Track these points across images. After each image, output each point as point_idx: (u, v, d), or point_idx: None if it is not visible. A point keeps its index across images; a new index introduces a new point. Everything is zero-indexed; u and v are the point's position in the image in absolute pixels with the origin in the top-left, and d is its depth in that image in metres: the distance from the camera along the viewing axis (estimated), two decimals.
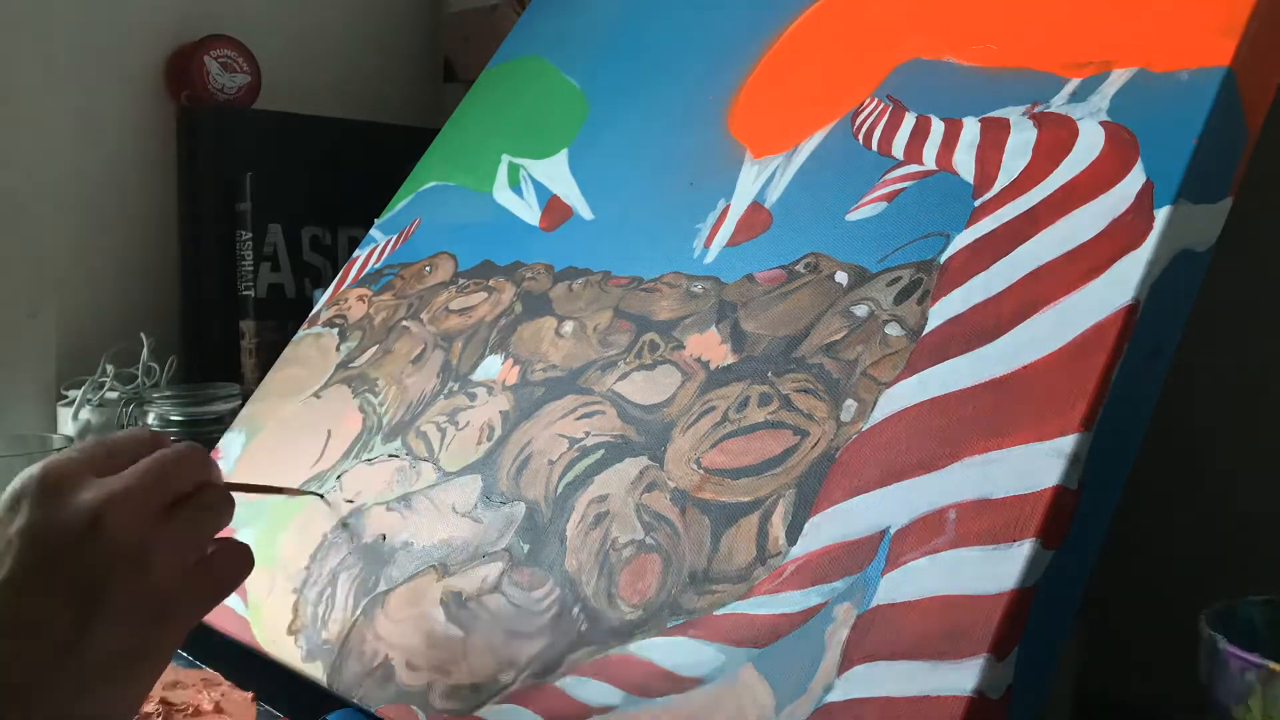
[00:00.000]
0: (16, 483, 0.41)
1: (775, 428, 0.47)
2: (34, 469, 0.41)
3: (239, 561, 0.44)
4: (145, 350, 0.84)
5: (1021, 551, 0.37)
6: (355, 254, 0.77)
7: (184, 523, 0.41)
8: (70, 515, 0.39)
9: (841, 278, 0.50)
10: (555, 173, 0.68)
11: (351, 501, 0.57)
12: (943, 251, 0.47)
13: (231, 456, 0.69)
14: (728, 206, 0.57)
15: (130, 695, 0.40)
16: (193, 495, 0.42)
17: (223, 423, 0.76)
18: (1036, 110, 0.48)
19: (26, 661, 0.38)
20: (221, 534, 0.44)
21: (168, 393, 0.78)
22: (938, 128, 0.51)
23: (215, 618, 0.60)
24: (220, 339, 0.93)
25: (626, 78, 0.70)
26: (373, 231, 0.77)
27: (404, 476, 0.57)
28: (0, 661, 0.38)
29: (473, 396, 0.59)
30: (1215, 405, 0.57)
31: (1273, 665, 0.35)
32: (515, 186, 0.70)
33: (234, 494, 0.44)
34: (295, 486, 0.56)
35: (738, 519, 0.45)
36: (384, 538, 0.55)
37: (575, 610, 0.46)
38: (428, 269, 0.70)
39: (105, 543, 0.39)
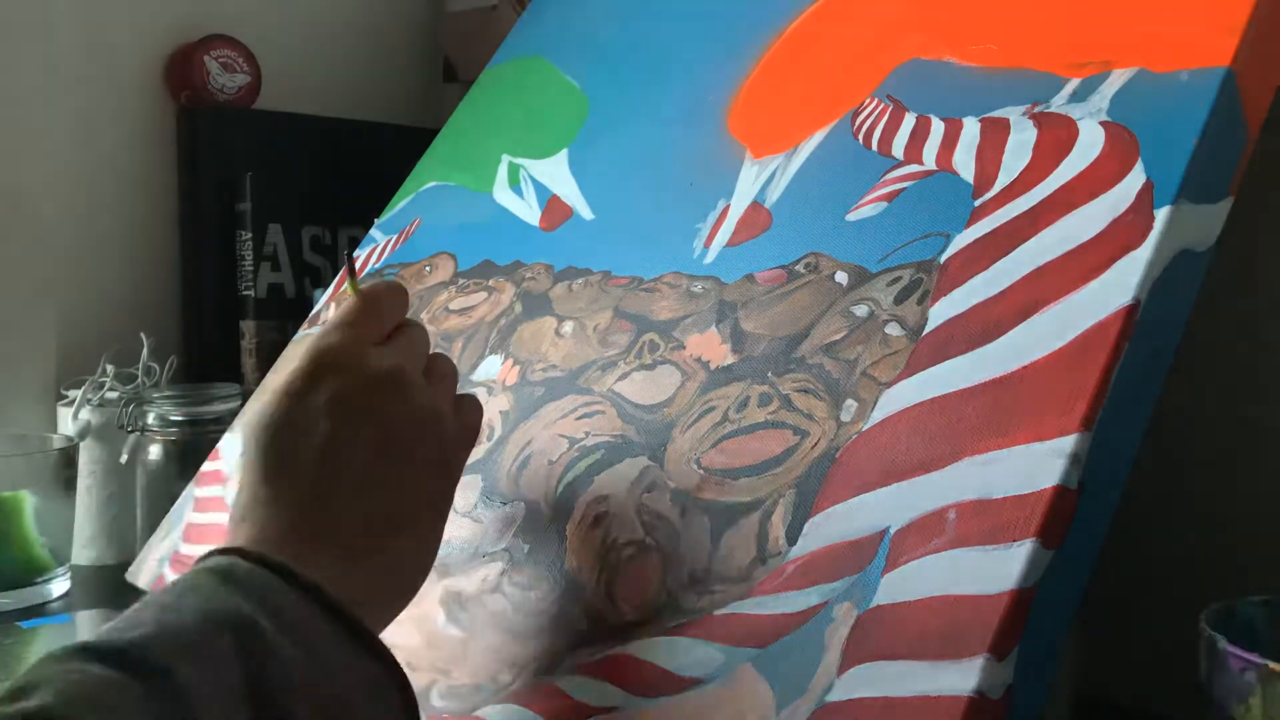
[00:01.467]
0: (312, 354, 0.44)
1: (775, 428, 0.47)
2: (322, 343, 0.44)
3: (477, 407, 0.49)
4: (145, 350, 0.84)
5: (1021, 551, 0.37)
6: (355, 254, 0.77)
7: (444, 383, 0.47)
8: (377, 377, 0.44)
9: (841, 278, 0.50)
10: (555, 173, 0.68)
11: None
12: (943, 251, 0.47)
13: (232, 456, 0.69)
14: (728, 206, 0.57)
15: (430, 543, 0.44)
16: (435, 360, 0.48)
17: (223, 423, 0.76)
18: (1036, 110, 0.48)
19: (352, 523, 0.41)
20: None
21: (168, 393, 0.78)
22: (938, 128, 0.51)
23: None
24: (220, 339, 0.93)
25: (626, 78, 0.70)
26: (373, 231, 0.77)
27: None
28: (334, 527, 0.41)
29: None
30: (1215, 405, 0.57)
31: (1273, 665, 0.35)
32: (515, 186, 0.70)
33: None
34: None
35: (738, 519, 0.45)
36: None
37: (575, 610, 0.46)
38: (428, 269, 0.70)
39: (409, 404, 0.44)
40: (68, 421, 0.81)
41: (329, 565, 0.40)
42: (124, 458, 0.79)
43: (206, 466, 0.71)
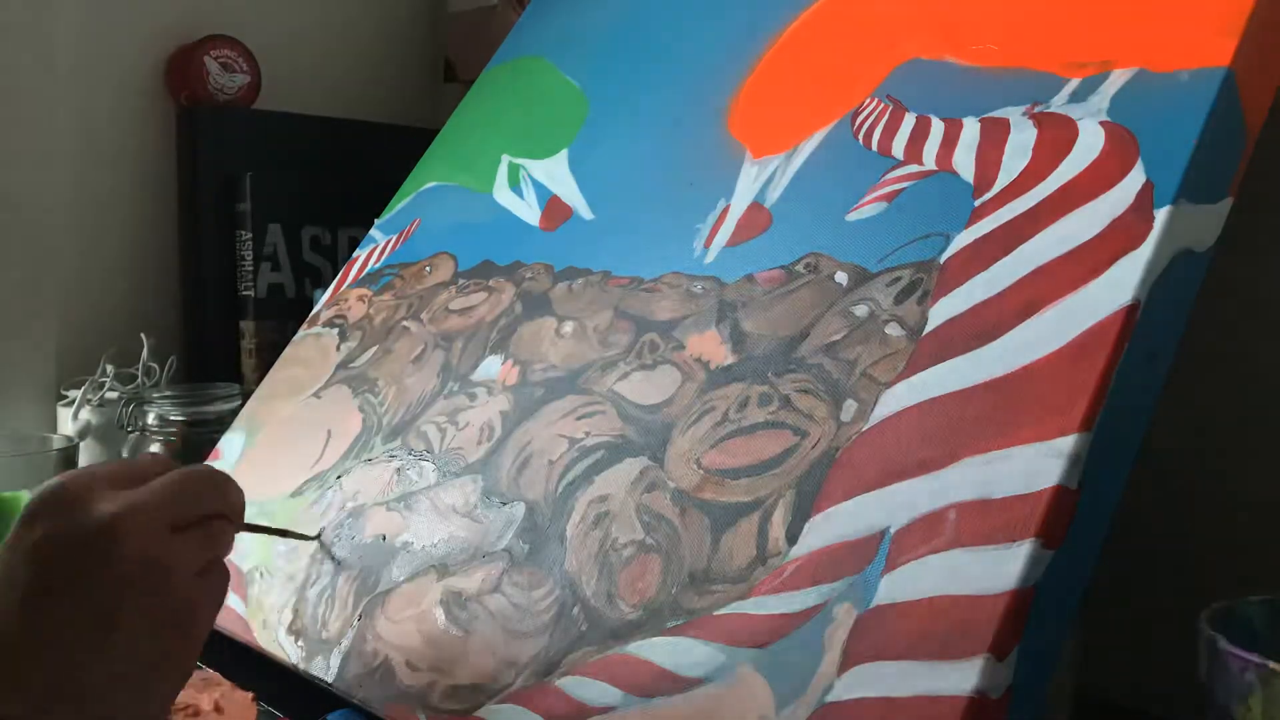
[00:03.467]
0: (34, 497, 0.41)
1: (775, 428, 0.47)
2: (51, 482, 0.41)
3: (225, 584, 0.44)
4: (145, 350, 0.84)
5: (1021, 551, 0.37)
6: (355, 254, 0.77)
7: (197, 538, 0.42)
8: (88, 526, 0.40)
9: (841, 278, 0.50)
10: (555, 173, 0.68)
11: (338, 561, 0.56)
12: (943, 251, 0.47)
13: (231, 457, 0.69)
14: (728, 206, 0.57)
15: (155, 703, 0.41)
16: (206, 518, 0.43)
17: (223, 423, 0.76)
18: (1036, 110, 0.48)
19: (49, 675, 0.38)
20: None
21: (168, 393, 0.78)
22: (938, 128, 0.51)
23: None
24: (220, 339, 0.93)
25: (626, 78, 0.70)
26: (373, 231, 0.77)
27: (404, 477, 0.57)
28: (23, 675, 0.38)
29: (473, 397, 0.59)
30: (1215, 405, 0.57)
31: (1273, 665, 0.35)
32: (515, 186, 0.70)
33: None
34: (292, 530, 0.56)
35: (738, 519, 0.45)
36: (384, 538, 0.55)
37: (575, 610, 0.46)
38: (428, 269, 0.70)
39: (123, 553, 0.39)
40: (68, 421, 0.81)
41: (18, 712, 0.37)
42: (124, 458, 0.79)
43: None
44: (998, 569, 0.37)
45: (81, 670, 0.38)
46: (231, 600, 0.59)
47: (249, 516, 0.64)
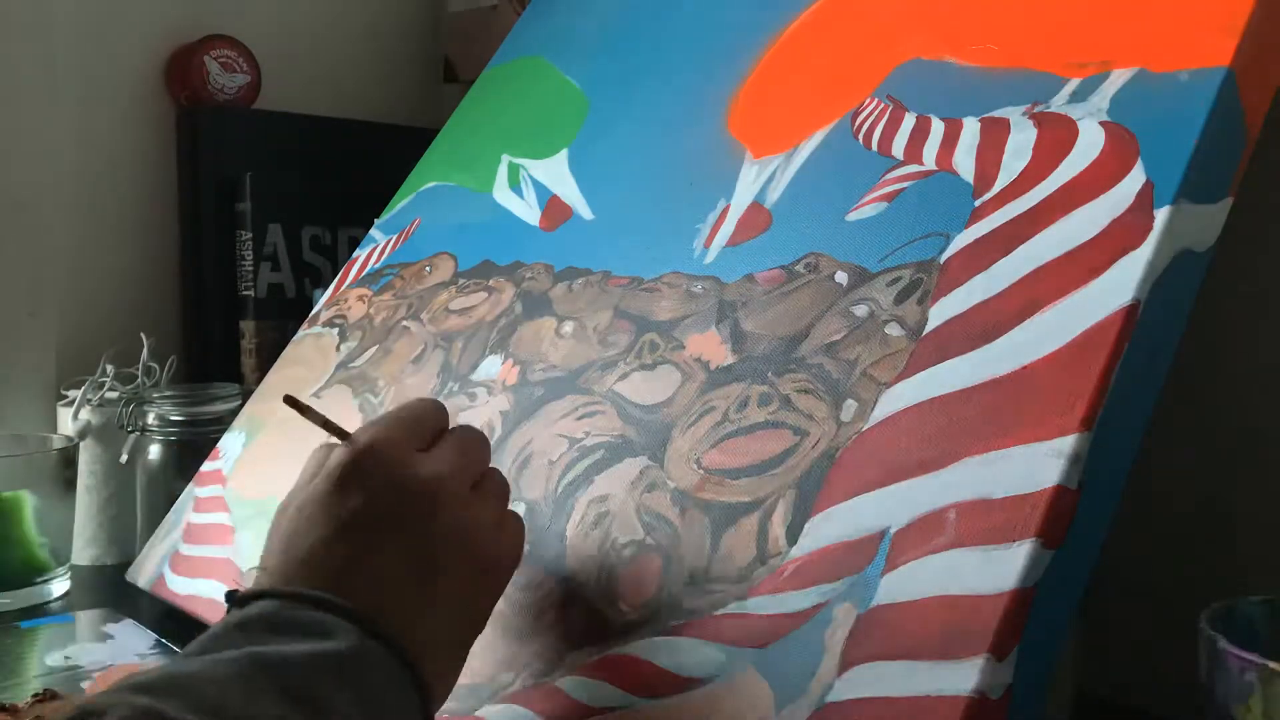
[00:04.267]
0: (345, 460, 0.42)
1: (775, 428, 0.47)
2: (361, 443, 0.42)
3: (521, 526, 0.46)
4: (145, 350, 0.84)
5: (1021, 551, 0.37)
6: (355, 254, 0.77)
7: (491, 497, 0.45)
8: (411, 490, 0.41)
9: (841, 278, 0.50)
10: (555, 173, 0.68)
11: None
12: (943, 251, 0.47)
13: (231, 456, 0.69)
14: (728, 206, 0.57)
15: (464, 658, 0.43)
16: (487, 471, 0.45)
17: (223, 423, 0.76)
18: (1036, 110, 0.48)
19: (386, 613, 0.39)
20: None
21: (168, 393, 0.78)
22: (938, 128, 0.51)
23: (216, 616, 0.60)
24: (220, 339, 0.93)
25: (626, 78, 0.70)
26: (373, 231, 0.77)
27: None
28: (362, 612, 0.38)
29: (473, 397, 0.59)
30: (1216, 405, 0.57)
31: (1273, 665, 0.35)
32: (515, 186, 0.70)
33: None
34: None
35: (738, 519, 0.45)
36: None
37: (575, 610, 0.46)
38: (428, 269, 0.70)
39: (444, 519, 0.41)
40: (68, 421, 0.81)
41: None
42: (124, 458, 0.79)
43: (206, 466, 0.71)
44: (998, 569, 0.37)
45: (410, 627, 0.39)
46: None
47: (248, 517, 0.64)
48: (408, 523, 0.41)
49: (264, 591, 0.39)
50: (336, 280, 0.76)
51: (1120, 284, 0.41)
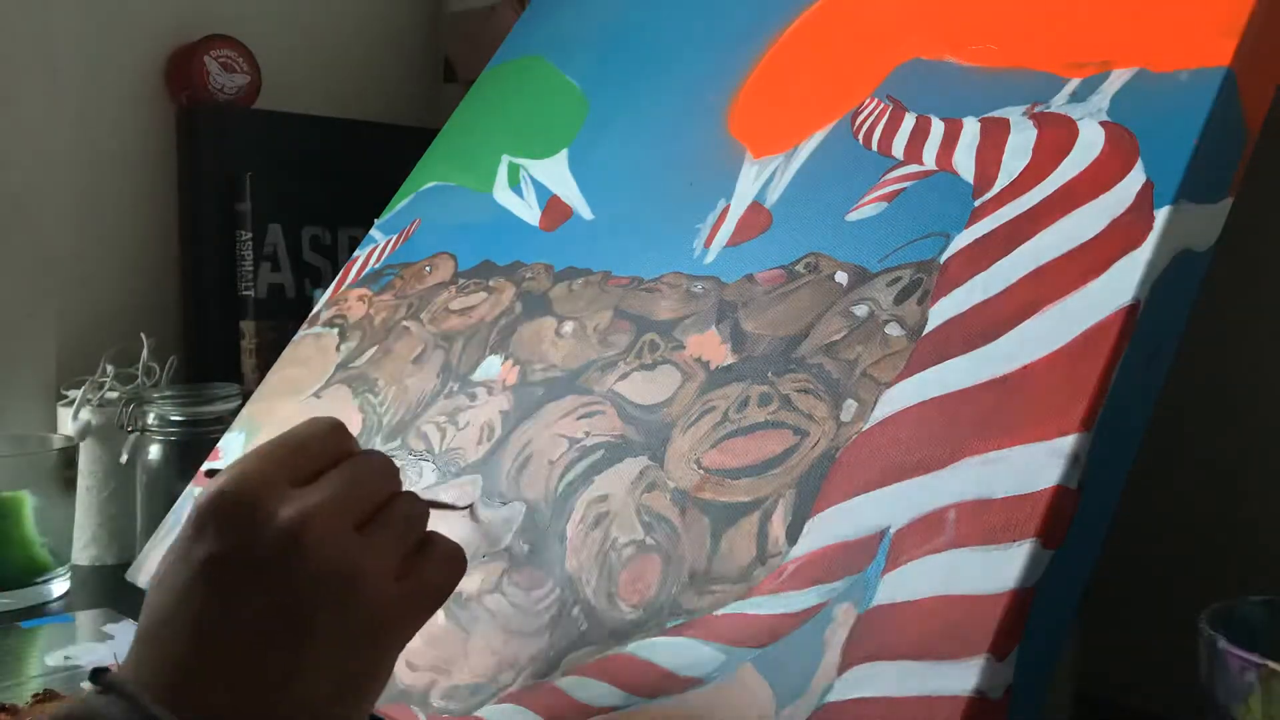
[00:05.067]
0: (203, 501, 0.36)
1: (775, 428, 0.47)
2: (220, 484, 0.36)
3: (451, 565, 0.40)
4: (145, 350, 0.84)
5: (1021, 551, 0.37)
6: (355, 254, 0.77)
7: (386, 533, 0.38)
8: (268, 538, 0.35)
9: (841, 278, 0.50)
10: (555, 173, 0.68)
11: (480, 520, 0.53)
12: (943, 251, 0.47)
13: (231, 457, 0.69)
14: (728, 206, 0.57)
15: (355, 717, 0.37)
16: (388, 504, 0.39)
17: (223, 423, 0.76)
18: (1036, 110, 0.48)
19: (242, 707, 0.34)
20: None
21: (168, 393, 0.78)
22: (938, 128, 0.51)
23: None
24: (220, 339, 0.93)
25: (626, 78, 0.70)
26: (373, 231, 0.77)
27: (404, 477, 0.57)
28: (210, 707, 0.34)
29: (473, 396, 0.59)
30: (1216, 405, 0.57)
31: (1273, 665, 0.35)
32: (515, 186, 0.70)
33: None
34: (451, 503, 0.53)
35: (738, 519, 0.45)
36: None
37: (575, 610, 0.46)
38: (428, 269, 0.70)
39: (309, 566, 0.35)
40: (68, 421, 0.81)
41: None
42: (124, 458, 0.79)
43: (206, 466, 0.71)
44: (997, 569, 0.37)
45: (273, 695, 0.34)
46: None
47: None
48: (264, 573, 0.35)
49: (112, 684, 0.34)
50: (336, 280, 0.76)
51: (1120, 284, 0.41)
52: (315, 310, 0.75)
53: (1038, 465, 0.38)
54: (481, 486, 0.54)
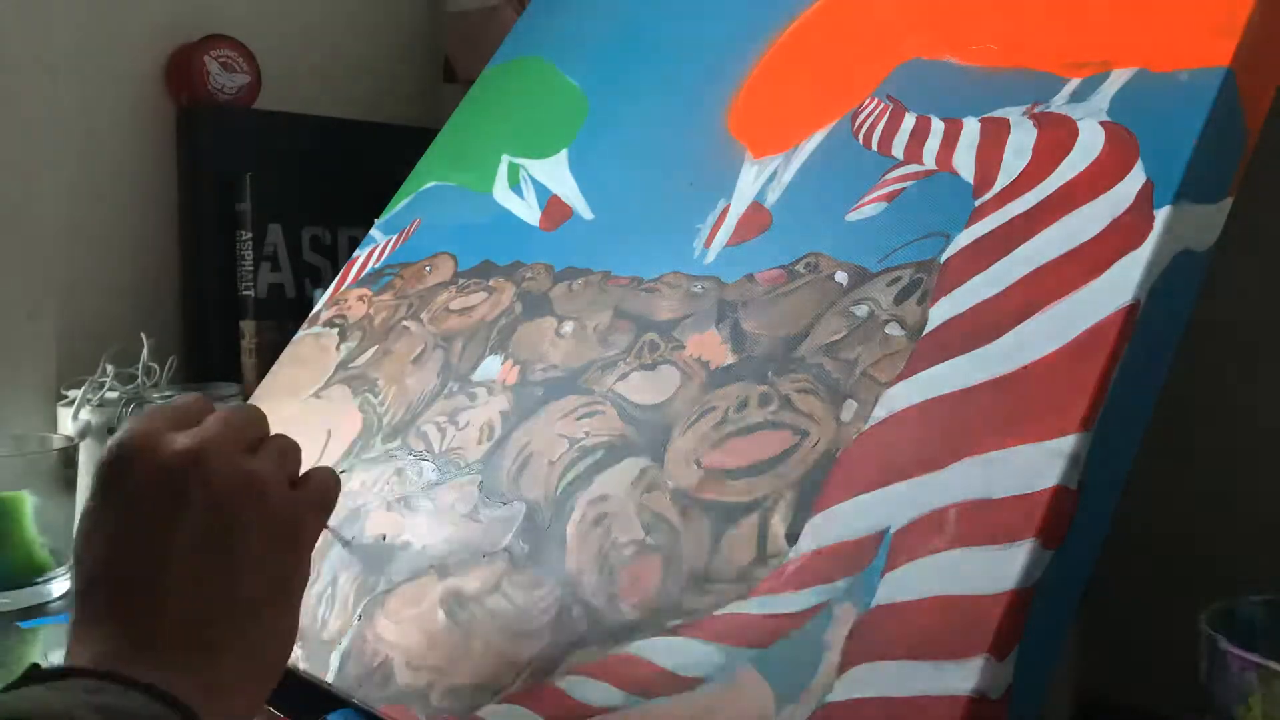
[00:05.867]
0: (104, 459, 0.40)
1: (775, 428, 0.47)
2: (118, 436, 0.40)
3: (331, 476, 0.45)
4: (145, 350, 0.84)
5: (1021, 551, 0.37)
6: (355, 254, 0.77)
7: (272, 455, 0.42)
8: (172, 462, 0.39)
9: (841, 278, 0.50)
10: (555, 173, 0.68)
11: (348, 542, 0.56)
12: (943, 251, 0.47)
13: None
14: (728, 206, 0.57)
15: (284, 621, 0.41)
16: (270, 439, 0.44)
17: None
18: (1036, 110, 0.48)
19: (174, 618, 0.37)
20: None
21: (168, 393, 0.78)
22: (938, 128, 0.51)
23: None
24: (220, 339, 0.93)
25: (626, 78, 0.70)
26: (373, 231, 0.77)
27: (404, 477, 0.57)
28: (142, 627, 0.37)
29: (473, 396, 0.59)
30: (1215, 405, 0.57)
31: (1273, 665, 0.35)
32: (515, 186, 0.70)
33: None
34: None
35: (738, 519, 0.45)
36: (384, 538, 0.55)
37: (575, 610, 0.46)
38: (428, 269, 0.70)
39: (216, 480, 0.39)
40: (68, 421, 0.81)
41: (158, 678, 0.36)
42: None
43: None
44: (998, 569, 0.37)
45: (219, 602, 0.38)
46: None
47: None
48: (180, 497, 0.39)
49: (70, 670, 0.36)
50: (336, 280, 0.76)
51: (1120, 284, 0.41)
52: (315, 310, 0.75)
53: (1038, 465, 0.38)
54: (481, 486, 0.54)
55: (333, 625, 0.53)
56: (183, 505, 0.39)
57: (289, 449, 0.44)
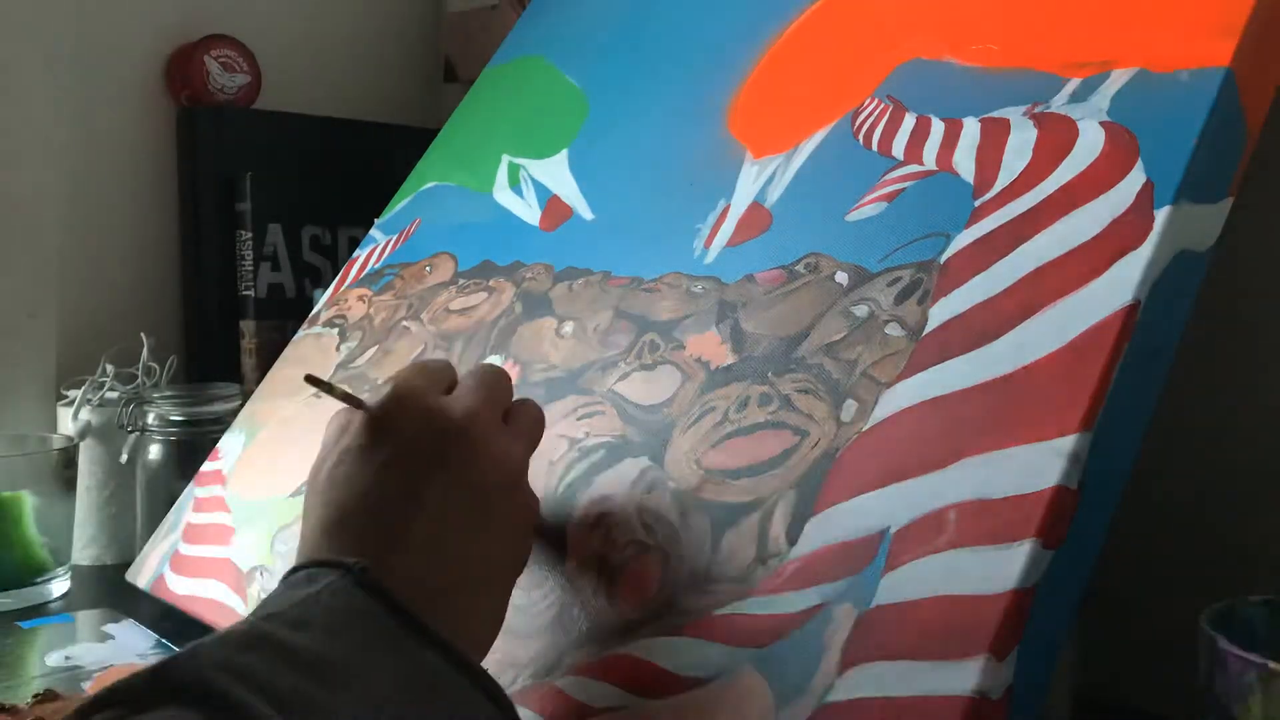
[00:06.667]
0: (379, 406, 0.41)
1: (775, 428, 0.47)
2: (389, 394, 0.41)
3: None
4: (145, 350, 0.84)
5: (1021, 551, 0.37)
6: (355, 254, 0.77)
7: (524, 432, 0.44)
8: (448, 434, 0.41)
9: (842, 278, 0.50)
10: (555, 173, 0.68)
11: None
12: (943, 252, 0.47)
13: (231, 456, 0.69)
14: (728, 206, 0.57)
15: (504, 603, 0.42)
16: (515, 406, 0.45)
17: (223, 422, 0.76)
18: (1037, 110, 0.48)
19: (432, 576, 0.39)
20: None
21: (168, 393, 0.78)
22: (938, 128, 0.51)
23: (216, 616, 0.60)
24: (220, 339, 0.93)
25: (626, 78, 0.70)
26: (373, 231, 0.77)
27: None
28: (414, 575, 0.38)
29: None
30: (1215, 405, 0.57)
31: (1273, 665, 0.35)
32: (515, 186, 0.70)
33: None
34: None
35: (738, 519, 0.45)
36: None
37: (575, 610, 0.46)
38: (428, 269, 0.70)
39: (482, 460, 0.41)
40: (68, 421, 0.81)
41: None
42: (124, 458, 0.79)
43: (206, 466, 0.71)
44: (998, 569, 0.37)
45: (453, 571, 0.39)
46: (232, 600, 0.59)
47: (248, 517, 0.64)
48: (450, 463, 0.40)
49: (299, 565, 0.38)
50: (336, 280, 0.76)
51: (1120, 284, 0.41)
52: (315, 310, 0.75)
53: (1038, 465, 0.38)
54: None
55: None
56: (447, 473, 0.40)
57: (538, 422, 0.46)
